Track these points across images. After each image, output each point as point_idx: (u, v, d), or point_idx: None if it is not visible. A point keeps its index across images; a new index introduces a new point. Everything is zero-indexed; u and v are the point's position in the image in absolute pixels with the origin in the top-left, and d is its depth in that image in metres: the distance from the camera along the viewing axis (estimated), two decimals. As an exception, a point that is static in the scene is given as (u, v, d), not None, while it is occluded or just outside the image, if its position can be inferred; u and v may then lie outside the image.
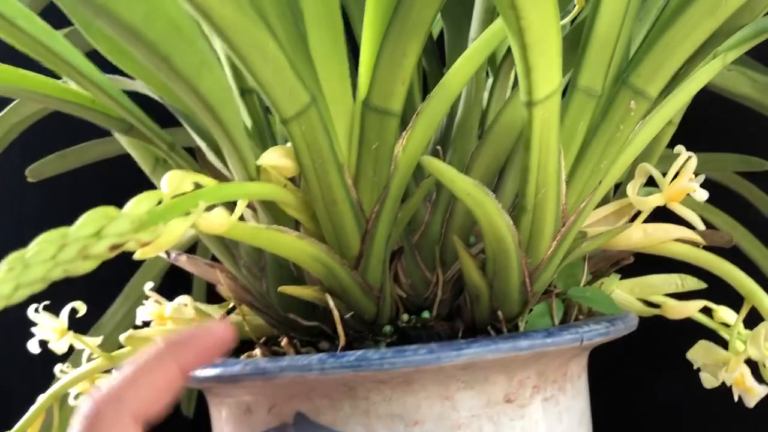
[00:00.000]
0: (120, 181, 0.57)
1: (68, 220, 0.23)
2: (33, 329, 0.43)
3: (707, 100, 0.40)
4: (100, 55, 0.36)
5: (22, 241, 0.22)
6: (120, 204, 0.25)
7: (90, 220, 0.22)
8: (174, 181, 0.27)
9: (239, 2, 0.27)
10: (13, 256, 0.21)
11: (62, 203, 0.62)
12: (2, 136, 0.52)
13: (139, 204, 0.25)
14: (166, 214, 0.26)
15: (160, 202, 0.26)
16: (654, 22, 0.34)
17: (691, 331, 0.44)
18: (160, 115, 0.39)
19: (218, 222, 0.30)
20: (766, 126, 0.58)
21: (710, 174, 0.54)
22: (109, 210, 0.23)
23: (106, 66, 0.36)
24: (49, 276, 0.21)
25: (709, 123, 0.56)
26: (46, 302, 0.44)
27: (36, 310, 0.44)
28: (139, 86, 0.43)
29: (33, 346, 0.44)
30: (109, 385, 0.28)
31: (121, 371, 0.28)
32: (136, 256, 0.28)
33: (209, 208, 0.29)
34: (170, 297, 0.45)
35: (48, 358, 0.45)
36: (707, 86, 0.38)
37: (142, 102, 0.38)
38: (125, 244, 0.24)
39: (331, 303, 0.36)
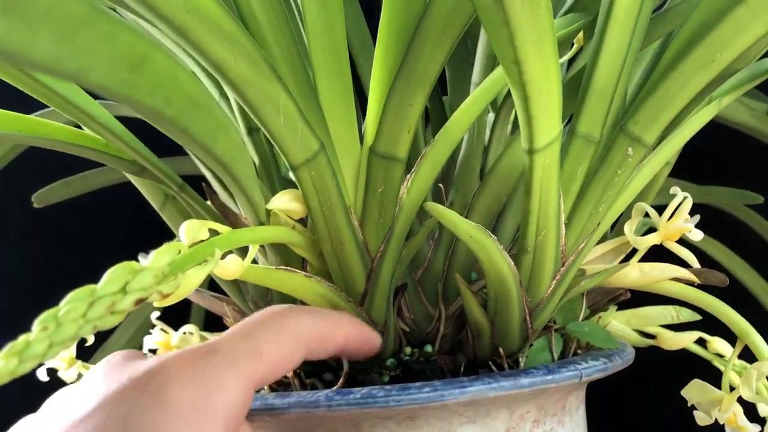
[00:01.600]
0: (101, 195, 0.58)
1: (48, 238, 0.24)
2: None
3: (705, 129, 0.41)
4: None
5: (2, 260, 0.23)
6: (103, 221, 0.26)
7: (115, 276, 0.23)
8: (191, 231, 0.28)
9: (253, 59, 0.28)
10: (45, 315, 0.22)
11: (41, 221, 0.63)
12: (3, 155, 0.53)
13: (160, 257, 0.26)
14: (186, 264, 0.27)
15: (178, 253, 0.27)
16: (650, 69, 0.35)
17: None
18: (165, 140, 0.40)
19: (232, 269, 0.31)
20: (763, 154, 0.59)
21: (711, 202, 0.56)
22: (132, 265, 0.24)
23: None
24: (79, 333, 0.22)
25: (707, 152, 0.57)
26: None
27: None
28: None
29: (42, 375, 0.45)
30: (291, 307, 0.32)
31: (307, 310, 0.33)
32: (156, 305, 0.29)
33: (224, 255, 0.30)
34: (169, 323, 0.46)
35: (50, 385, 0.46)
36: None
37: (143, 127, 0.39)
38: (149, 297, 0.25)
39: (337, 339, 0.37)
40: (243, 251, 0.32)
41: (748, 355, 0.41)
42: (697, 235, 0.38)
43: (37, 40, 0.17)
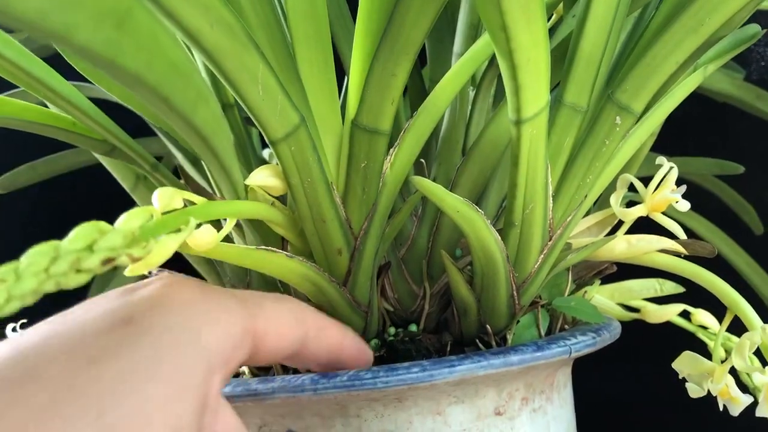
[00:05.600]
0: (68, 180, 0.56)
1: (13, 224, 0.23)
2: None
3: (686, 101, 0.41)
4: (59, 58, 0.35)
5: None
6: (72, 206, 0.24)
7: (82, 233, 0.22)
8: (164, 198, 0.27)
9: (230, 27, 0.26)
10: (4, 268, 0.20)
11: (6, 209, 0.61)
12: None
13: (130, 219, 0.24)
14: (158, 230, 0.25)
15: (151, 218, 0.26)
16: (633, 35, 0.35)
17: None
18: (132, 121, 0.38)
19: (206, 240, 0.29)
20: (744, 125, 0.59)
21: (691, 178, 0.55)
22: (101, 224, 0.23)
23: (69, 71, 0.35)
24: (41, 289, 0.21)
25: (690, 124, 0.57)
26: (24, 320, 0.43)
27: (14, 329, 0.43)
28: (109, 94, 0.42)
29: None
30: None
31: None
32: (127, 273, 0.28)
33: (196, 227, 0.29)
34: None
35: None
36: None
37: (111, 108, 0.37)
38: (117, 259, 0.23)
39: (320, 320, 0.36)
40: (218, 227, 0.31)
41: (732, 329, 0.40)
42: (684, 206, 0.37)
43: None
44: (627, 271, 0.45)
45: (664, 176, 0.37)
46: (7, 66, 0.29)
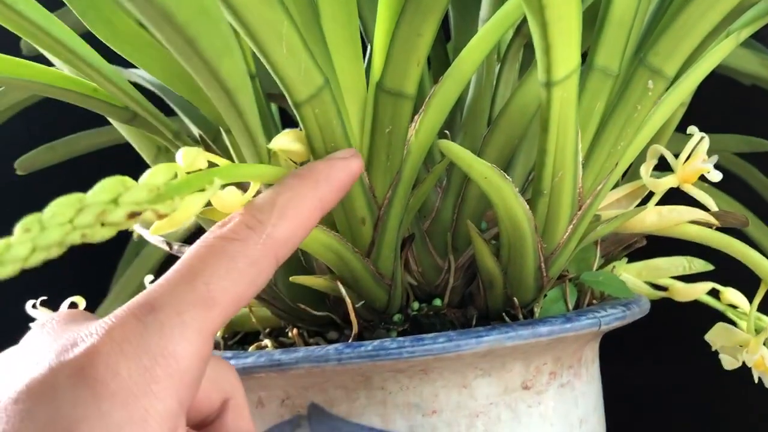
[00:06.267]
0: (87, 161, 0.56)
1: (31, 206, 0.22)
2: (32, 325, 0.42)
3: (711, 80, 0.40)
4: (90, 41, 0.35)
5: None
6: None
7: (107, 186, 0.22)
8: (189, 157, 0.26)
9: (255, -20, 0.26)
10: (29, 218, 0.20)
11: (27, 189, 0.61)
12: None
13: (156, 175, 0.24)
14: (183, 188, 0.25)
15: (175, 176, 0.25)
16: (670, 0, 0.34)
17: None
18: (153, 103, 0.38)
19: (231, 201, 0.29)
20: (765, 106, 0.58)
21: (717, 160, 0.54)
22: (126, 179, 0.22)
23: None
24: (66, 240, 0.20)
25: (714, 103, 0.56)
26: (44, 297, 0.43)
27: (34, 306, 0.42)
28: (133, 76, 0.42)
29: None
30: (257, 210, 0.27)
31: (265, 200, 0.28)
32: (152, 231, 0.27)
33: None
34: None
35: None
36: (716, 66, 0.37)
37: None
38: (142, 214, 0.23)
39: (344, 292, 0.35)
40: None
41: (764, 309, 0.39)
42: (716, 176, 0.36)
43: None
44: (654, 249, 0.44)
45: (695, 147, 0.36)
46: (29, 27, 0.29)
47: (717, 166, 0.36)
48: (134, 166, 0.37)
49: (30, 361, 0.25)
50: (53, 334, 0.26)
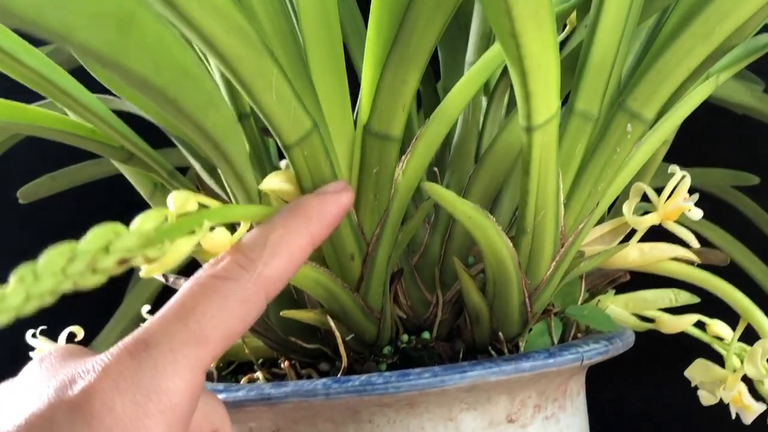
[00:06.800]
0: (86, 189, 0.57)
1: (32, 233, 0.23)
2: (32, 354, 0.43)
3: (701, 111, 0.41)
4: (84, 72, 0.36)
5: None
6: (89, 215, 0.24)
7: (98, 234, 0.23)
8: (179, 201, 0.27)
9: (245, 33, 0.27)
10: (23, 268, 0.21)
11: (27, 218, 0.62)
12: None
13: (146, 221, 0.25)
14: (173, 232, 0.26)
15: (165, 220, 0.26)
16: (647, 45, 0.35)
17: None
18: (152, 133, 0.39)
19: (220, 242, 0.30)
20: (760, 136, 0.58)
21: (708, 188, 0.55)
22: (117, 226, 0.23)
23: (92, 84, 0.36)
24: (58, 288, 0.21)
25: (704, 135, 0.57)
26: (43, 327, 0.44)
27: (33, 335, 0.43)
28: (130, 106, 0.43)
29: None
30: (248, 249, 0.28)
31: (257, 238, 0.29)
32: (142, 274, 0.28)
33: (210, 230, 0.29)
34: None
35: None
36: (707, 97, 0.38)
37: (131, 120, 0.38)
38: (132, 260, 0.24)
39: (333, 326, 0.36)
40: (232, 232, 0.31)
41: (747, 338, 0.40)
42: (696, 214, 0.37)
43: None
44: (641, 281, 0.45)
45: (677, 185, 0.37)
46: (30, 74, 0.30)
47: (710, 196, 0.37)
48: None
49: (29, 395, 0.26)
50: (52, 369, 0.27)
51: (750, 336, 0.40)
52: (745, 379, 0.35)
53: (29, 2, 0.17)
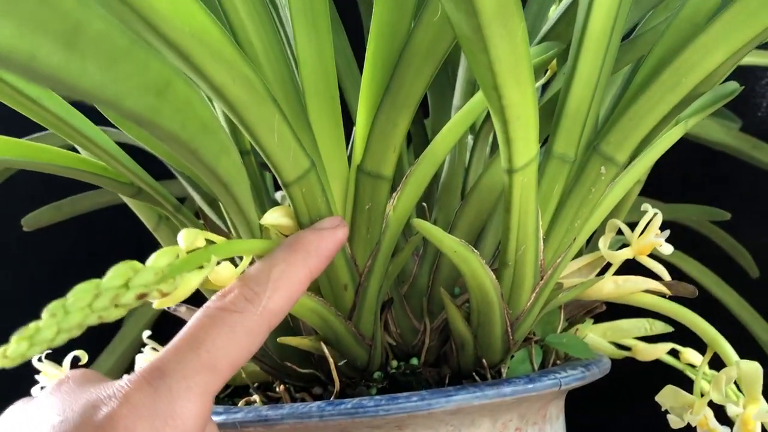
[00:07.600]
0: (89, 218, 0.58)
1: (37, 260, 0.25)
2: (37, 377, 0.45)
3: (685, 148, 0.43)
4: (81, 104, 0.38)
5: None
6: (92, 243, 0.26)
7: (119, 272, 0.25)
8: (189, 238, 0.30)
9: (251, 82, 0.29)
10: (54, 304, 0.23)
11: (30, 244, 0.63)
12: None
13: (160, 258, 0.27)
14: (184, 267, 0.28)
15: (177, 257, 0.29)
16: (621, 93, 0.38)
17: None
18: (152, 165, 0.41)
19: (226, 275, 0.32)
20: (741, 171, 0.61)
21: (688, 223, 0.58)
22: (134, 263, 0.26)
23: (95, 116, 0.38)
24: (85, 322, 0.24)
25: (688, 170, 0.59)
26: (48, 350, 0.46)
27: (39, 359, 0.45)
28: (129, 138, 0.46)
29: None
30: (253, 283, 0.30)
31: (261, 272, 0.31)
32: (156, 306, 0.30)
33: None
34: (161, 342, 0.47)
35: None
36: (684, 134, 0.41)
37: (130, 152, 0.40)
38: (149, 295, 0.26)
39: (327, 352, 0.38)
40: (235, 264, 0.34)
41: (717, 365, 0.43)
42: (667, 249, 0.40)
43: (86, 68, 0.19)
44: (619, 311, 0.48)
45: (649, 222, 0.40)
46: (49, 117, 0.33)
47: (687, 229, 0.39)
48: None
49: (50, 416, 0.28)
50: (72, 393, 0.29)
51: (722, 364, 0.43)
52: (713, 405, 0.38)
53: (95, 82, 0.19)
